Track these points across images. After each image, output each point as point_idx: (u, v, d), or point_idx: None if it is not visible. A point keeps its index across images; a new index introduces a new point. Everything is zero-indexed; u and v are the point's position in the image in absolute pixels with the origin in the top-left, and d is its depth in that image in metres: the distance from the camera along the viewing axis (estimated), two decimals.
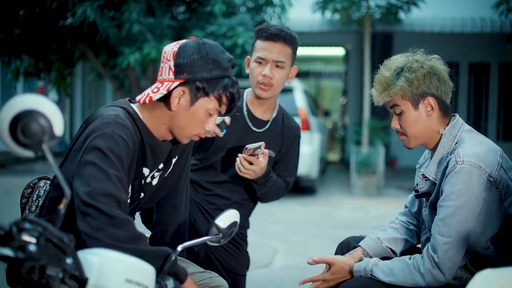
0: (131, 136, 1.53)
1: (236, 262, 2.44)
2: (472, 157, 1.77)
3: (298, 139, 2.49)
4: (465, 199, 1.76)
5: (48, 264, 1.07)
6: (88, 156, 1.44)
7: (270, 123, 2.39)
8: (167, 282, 1.44)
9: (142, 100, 1.60)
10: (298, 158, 2.51)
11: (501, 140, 12.20)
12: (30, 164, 11.72)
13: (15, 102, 1.11)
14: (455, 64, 12.34)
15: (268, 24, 2.30)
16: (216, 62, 1.59)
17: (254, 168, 2.18)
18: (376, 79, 1.94)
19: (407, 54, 1.95)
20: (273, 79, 2.25)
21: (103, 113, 1.55)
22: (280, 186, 2.40)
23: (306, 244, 5.64)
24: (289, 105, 8.06)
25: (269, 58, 2.24)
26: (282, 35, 2.24)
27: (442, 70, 1.91)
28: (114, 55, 7.92)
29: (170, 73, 1.59)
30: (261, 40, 2.26)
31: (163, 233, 1.91)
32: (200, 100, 1.59)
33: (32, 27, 7.84)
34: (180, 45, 1.60)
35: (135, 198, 1.69)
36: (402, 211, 2.22)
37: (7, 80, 10.54)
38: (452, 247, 1.77)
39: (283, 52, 2.25)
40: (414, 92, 1.87)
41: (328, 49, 15.16)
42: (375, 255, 2.08)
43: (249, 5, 8.35)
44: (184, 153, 1.84)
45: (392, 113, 1.95)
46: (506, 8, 8.05)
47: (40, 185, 1.74)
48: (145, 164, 1.66)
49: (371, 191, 8.82)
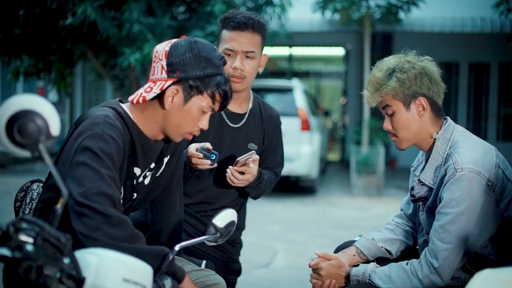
0: (120, 135, 1.53)
1: (225, 268, 2.35)
2: (471, 163, 1.77)
3: (279, 127, 2.43)
4: (465, 206, 1.76)
5: (46, 264, 1.07)
6: (79, 157, 1.44)
7: (247, 116, 2.32)
8: (165, 282, 1.43)
9: (135, 100, 1.60)
10: (282, 146, 2.45)
11: (501, 140, 12.20)
12: (30, 164, 11.72)
13: (11, 102, 1.11)
14: (455, 64, 12.35)
15: (234, 12, 2.18)
16: (208, 60, 1.59)
17: (247, 177, 2.13)
18: (368, 80, 1.95)
19: (399, 55, 1.97)
20: (245, 70, 2.17)
21: (93, 114, 1.55)
22: (272, 179, 2.35)
23: (306, 244, 5.64)
24: (289, 105, 8.08)
25: (238, 49, 2.14)
26: (250, 23, 2.13)
27: (434, 71, 1.91)
28: (114, 55, 7.92)
29: (163, 72, 1.59)
30: (228, 30, 2.15)
31: (158, 233, 1.91)
32: (193, 98, 1.60)
33: (32, 27, 7.84)
34: (172, 44, 1.61)
35: (128, 198, 1.69)
36: (398, 213, 2.23)
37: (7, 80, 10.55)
38: (452, 253, 1.78)
39: (252, 41, 2.15)
40: (405, 92, 1.88)
41: (328, 49, 15.15)
42: (370, 256, 2.09)
43: (249, 5, 8.34)
44: (176, 152, 1.84)
45: (384, 113, 1.95)
46: (506, 8, 8.04)
47: (33, 187, 1.74)
48: (136, 164, 1.66)
49: (371, 191, 8.83)
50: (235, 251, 2.43)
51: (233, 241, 2.40)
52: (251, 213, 2.65)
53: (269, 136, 2.38)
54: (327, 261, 2.02)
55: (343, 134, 14.52)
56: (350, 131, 12.60)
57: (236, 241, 2.43)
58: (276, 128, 2.40)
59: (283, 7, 8.14)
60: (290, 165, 7.81)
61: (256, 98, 2.41)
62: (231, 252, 2.40)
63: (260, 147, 2.36)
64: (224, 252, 2.37)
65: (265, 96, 8.20)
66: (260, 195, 2.34)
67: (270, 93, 8.30)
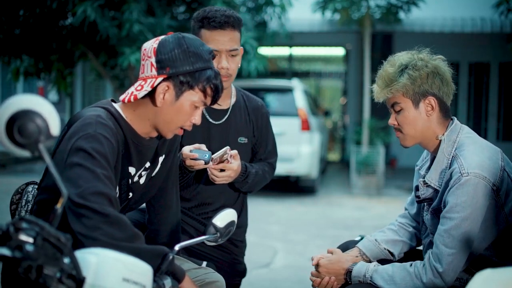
0: (113, 135, 1.53)
1: (229, 269, 2.34)
2: (477, 168, 1.75)
3: (268, 116, 2.42)
4: (470, 211, 1.74)
5: (45, 263, 1.07)
6: (73, 158, 1.44)
7: (230, 111, 2.31)
8: (165, 282, 1.43)
9: (126, 99, 1.60)
10: (273, 135, 2.44)
11: (501, 140, 12.20)
12: (30, 164, 11.72)
13: (11, 102, 1.11)
14: (455, 64, 12.26)
15: (210, 11, 2.16)
16: (197, 54, 1.59)
17: (228, 174, 2.11)
18: (379, 75, 1.92)
19: (412, 51, 1.94)
20: (230, 69, 2.18)
21: (84, 114, 1.55)
22: (265, 171, 2.33)
23: (306, 244, 5.64)
24: (289, 105, 8.08)
25: (223, 49, 2.14)
26: (231, 21, 2.14)
27: (446, 71, 1.90)
28: (114, 55, 7.91)
29: (153, 70, 1.59)
30: (209, 29, 2.14)
31: (156, 232, 1.91)
32: (185, 93, 1.60)
33: (32, 27, 7.83)
34: (160, 41, 1.61)
35: (123, 198, 1.69)
36: (402, 213, 2.21)
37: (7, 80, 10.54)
38: (457, 257, 1.77)
39: (234, 38, 2.17)
40: (416, 90, 1.86)
41: (328, 49, 15.15)
42: (373, 257, 2.08)
43: (249, 5, 8.34)
44: (171, 151, 1.84)
45: (392, 110, 1.93)
46: (506, 8, 8.04)
47: (28, 190, 1.74)
48: (130, 163, 1.66)
49: (371, 191, 8.82)
50: (239, 252, 2.41)
51: (237, 241, 2.39)
52: (251, 213, 2.65)
53: (258, 128, 2.37)
54: (326, 258, 2.01)
55: (343, 134, 14.52)
56: (350, 131, 12.60)
57: (241, 242, 2.42)
58: (263, 118, 2.39)
59: (283, 7, 8.14)
60: (290, 165, 7.81)
61: (239, 92, 2.40)
62: (235, 254, 2.38)
63: (251, 140, 2.35)
64: (229, 253, 2.36)
65: (265, 96, 8.20)
66: (252, 188, 2.30)
67: (270, 93, 8.31)
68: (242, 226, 2.42)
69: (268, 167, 2.37)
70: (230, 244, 2.34)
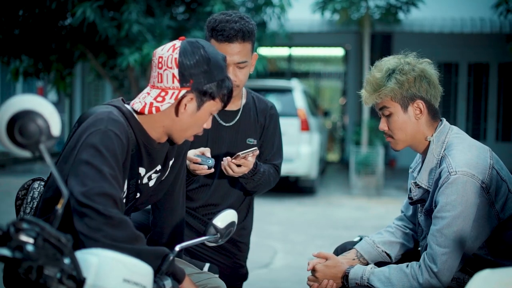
0: (124, 132, 1.53)
1: (231, 273, 2.33)
2: (465, 166, 1.77)
3: (276, 118, 2.39)
4: (460, 209, 1.76)
5: (46, 264, 1.07)
6: (82, 154, 1.44)
7: (240, 112, 2.30)
8: (165, 282, 1.43)
9: (147, 110, 1.58)
10: (280, 137, 2.40)
11: (500, 140, 12.19)
12: (30, 164, 11.71)
13: (12, 103, 1.11)
14: (454, 64, 12.35)
15: (221, 22, 2.10)
16: (217, 65, 1.60)
17: (243, 170, 2.10)
18: (367, 80, 1.94)
19: (399, 56, 1.95)
20: (238, 80, 2.15)
21: (97, 111, 1.56)
22: (270, 173, 2.29)
23: (306, 244, 5.64)
24: (289, 106, 8.08)
25: (231, 62, 2.10)
26: (240, 35, 2.09)
27: (433, 74, 1.91)
28: (114, 55, 7.91)
29: (175, 81, 1.58)
30: (217, 41, 2.10)
31: (159, 235, 1.90)
32: (206, 104, 1.61)
33: (31, 27, 7.83)
34: (180, 51, 1.58)
35: (131, 198, 1.68)
36: (398, 215, 2.22)
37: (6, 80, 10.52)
38: (451, 256, 1.78)
39: (243, 51, 2.12)
40: (404, 94, 1.87)
41: (328, 50, 15.16)
42: (370, 259, 2.08)
43: (249, 5, 8.34)
44: (180, 155, 1.83)
45: (381, 114, 1.95)
46: (505, 9, 8.05)
47: (34, 186, 1.73)
48: (141, 164, 1.66)
49: (371, 191, 8.83)
50: (242, 256, 2.40)
51: (242, 243, 2.37)
52: None
53: (265, 128, 2.35)
54: (322, 262, 2.01)
55: (342, 134, 14.52)
56: (349, 131, 12.60)
57: (245, 244, 2.40)
58: (271, 119, 2.37)
59: (282, 7, 8.14)
60: (290, 165, 7.81)
61: (250, 93, 2.38)
62: (238, 257, 2.37)
63: (259, 141, 2.33)
64: (231, 257, 2.34)
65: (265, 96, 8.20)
66: (256, 188, 2.27)
67: (269, 93, 8.30)
68: (247, 228, 2.41)
69: (273, 169, 2.33)
70: (233, 248, 2.33)
